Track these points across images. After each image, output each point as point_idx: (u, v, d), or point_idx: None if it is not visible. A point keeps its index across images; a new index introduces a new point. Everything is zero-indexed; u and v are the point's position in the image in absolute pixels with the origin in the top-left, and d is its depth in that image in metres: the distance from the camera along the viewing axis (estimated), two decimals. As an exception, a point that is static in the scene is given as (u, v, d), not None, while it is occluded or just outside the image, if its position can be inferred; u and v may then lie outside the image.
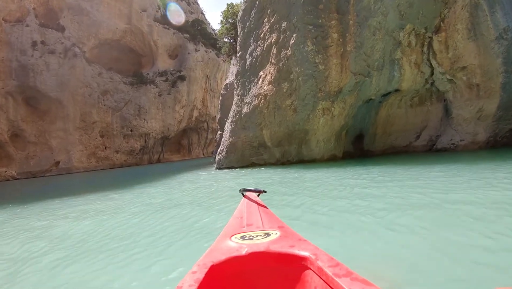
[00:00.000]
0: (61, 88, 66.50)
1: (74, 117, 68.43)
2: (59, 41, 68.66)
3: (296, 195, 9.29)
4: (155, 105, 79.42)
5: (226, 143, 27.63)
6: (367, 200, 7.40)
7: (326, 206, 7.22)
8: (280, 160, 24.11)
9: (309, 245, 2.06)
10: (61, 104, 66.68)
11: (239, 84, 27.65)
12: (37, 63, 65.15)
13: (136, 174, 40.45)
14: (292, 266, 1.95)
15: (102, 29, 73.64)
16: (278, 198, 9.12)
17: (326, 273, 1.69)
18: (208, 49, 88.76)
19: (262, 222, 2.64)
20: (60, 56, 67.93)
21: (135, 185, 20.83)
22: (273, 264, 1.99)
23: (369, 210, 6.33)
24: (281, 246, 2.05)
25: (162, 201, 11.40)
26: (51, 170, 66.56)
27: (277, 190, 10.75)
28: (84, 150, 70.18)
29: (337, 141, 23.06)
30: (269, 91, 23.17)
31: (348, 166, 17.69)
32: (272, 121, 23.28)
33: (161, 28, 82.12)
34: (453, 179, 9.43)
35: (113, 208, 11.09)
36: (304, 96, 21.22)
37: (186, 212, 8.46)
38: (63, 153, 67.45)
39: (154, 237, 6.25)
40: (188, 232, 6.28)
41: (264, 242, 2.12)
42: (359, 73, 20.26)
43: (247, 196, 3.55)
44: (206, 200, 10.50)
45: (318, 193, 9.37)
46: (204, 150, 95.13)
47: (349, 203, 7.26)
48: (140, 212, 9.47)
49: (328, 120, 21.42)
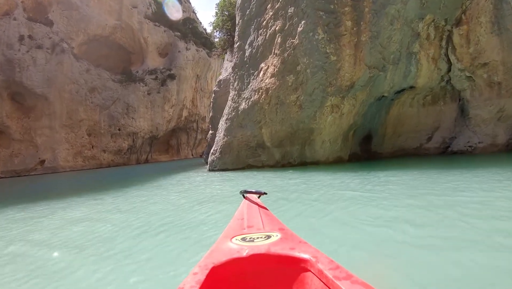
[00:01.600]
0: (47, 84, 64.03)
1: (61, 114, 65.97)
2: (47, 36, 66.25)
3: (307, 217, 6.87)
4: (144, 104, 77.20)
5: (220, 143, 25.14)
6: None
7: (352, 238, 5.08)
8: (280, 162, 21.78)
9: (310, 247, 2.01)
10: (47, 101, 64.26)
11: (236, 78, 25.12)
12: (24, 58, 62.73)
13: (122, 175, 38.04)
14: (293, 268, 1.90)
15: (91, 24, 71.40)
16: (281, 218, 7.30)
17: (326, 276, 1.65)
18: (199, 48, 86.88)
19: (262, 224, 2.53)
20: (47, 52, 65.53)
21: (118, 190, 18.45)
22: (274, 266, 1.94)
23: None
24: (281, 248, 2.00)
25: (140, 224, 7.87)
26: (36, 168, 64.00)
27: (281, 206, 8.14)
28: (70, 149, 67.68)
29: (344, 142, 20.97)
30: (272, 85, 20.74)
31: (357, 170, 15.77)
32: (273, 119, 20.88)
33: (151, 25, 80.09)
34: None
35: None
36: (311, 91, 18.87)
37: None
38: (48, 151, 64.87)
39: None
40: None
41: (265, 244, 2.06)
42: (374, 67, 18.15)
43: (248, 197, 3.43)
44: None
45: (336, 215, 6.74)
46: (193, 150, 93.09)
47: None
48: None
49: (336, 118, 19.28)
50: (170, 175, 26.03)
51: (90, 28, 71.55)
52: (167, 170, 34.16)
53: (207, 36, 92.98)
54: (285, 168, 20.33)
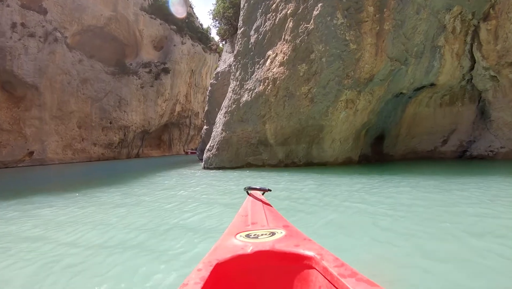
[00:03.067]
0: (38, 74, 61.58)
1: (51, 105, 63.53)
2: (40, 24, 63.54)
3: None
4: (136, 98, 74.86)
5: (218, 139, 23.06)
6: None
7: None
8: (283, 162, 19.87)
9: (314, 244, 1.99)
10: (38, 91, 61.75)
11: (238, 67, 22.89)
12: (15, 46, 59.97)
13: (109, 170, 35.84)
14: (297, 265, 1.88)
15: (86, 14, 68.96)
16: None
17: (331, 273, 1.63)
18: (195, 43, 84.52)
19: (267, 221, 2.54)
20: (40, 40, 62.94)
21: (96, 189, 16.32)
22: (278, 263, 1.92)
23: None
24: (286, 245, 1.98)
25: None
26: (24, 160, 61.42)
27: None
28: (59, 141, 65.23)
29: (355, 142, 19.18)
30: (280, 75, 18.68)
31: (371, 175, 13.94)
32: (280, 113, 18.88)
33: (147, 17, 77.73)
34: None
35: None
36: (326, 83, 16.93)
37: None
38: (37, 142, 62.37)
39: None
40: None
41: (269, 241, 2.04)
42: (396, 59, 16.32)
43: (252, 194, 3.42)
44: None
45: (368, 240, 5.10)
46: (185, 146, 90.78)
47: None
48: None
49: (350, 115, 17.43)
50: (160, 172, 23.72)
51: (84, 18, 69.12)
52: (157, 167, 31.65)
53: (203, 31, 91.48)
54: (289, 168, 18.47)
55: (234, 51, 24.27)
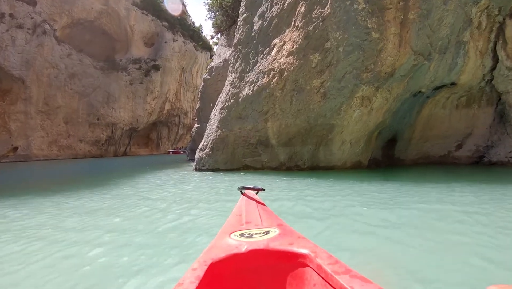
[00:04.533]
0: (25, 67, 59.42)
1: (37, 100, 61.36)
2: (29, 15, 61.35)
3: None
4: (125, 94, 72.78)
5: (212, 137, 21.02)
6: None
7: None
8: (285, 164, 17.99)
9: (308, 242, 1.93)
10: (24, 85, 59.56)
11: (239, 57, 20.78)
12: (3, 37, 57.95)
13: (92, 169, 33.91)
14: (291, 263, 1.83)
15: (76, 7, 66.84)
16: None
17: (325, 271, 1.58)
18: (186, 40, 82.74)
19: (261, 220, 2.44)
20: (28, 32, 60.77)
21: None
22: (273, 262, 1.86)
23: None
24: (280, 243, 1.92)
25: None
26: (8, 156, 59.12)
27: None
28: (45, 136, 62.98)
29: (366, 144, 17.47)
30: (288, 66, 16.62)
31: (388, 181, 12.28)
32: (285, 110, 16.93)
33: (139, 13, 75.71)
34: None
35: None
36: (341, 76, 15.03)
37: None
38: (22, 138, 60.21)
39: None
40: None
41: (263, 240, 1.97)
42: (419, 53, 14.60)
43: (246, 193, 3.26)
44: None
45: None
46: (174, 146, 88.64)
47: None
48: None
49: (364, 114, 15.68)
50: (146, 175, 20.70)
51: (74, 11, 67.05)
52: (144, 167, 28.99)
53: (195, 29, 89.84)
54: (292, 173, 16.64)
55: (234, 40, 22.08)
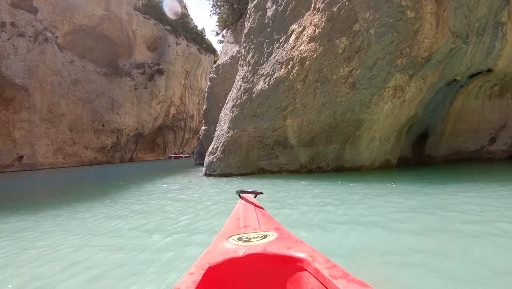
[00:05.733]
0: (28, 75, 58.30)
1: (41, 108, 60.09)
2: (30, 23, 60.36)
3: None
4: (129, 99, 71.46)
5: (223, 139, 18.75)
6: None
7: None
8: (306, 166, 15.82)
9: (306, 246, 1.95)
10: (27, 93, 58.42)
11: (251, 48, 18.49)
12: (4, 46, 56.86)
13: (95, 176, 32.26)
14: (289, 267, 1.84)
15: (77, 14, 65.71)
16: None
17: (322, 275, 1.60)
18: (189, 43, 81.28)
19: (259, 224, 2.45)
20: (30, 40, 59.69)
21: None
22: (270, 266, 1.88)
23: None
24: (278, 247, 1.94)
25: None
26: (13, 165, 57.97)
27: None
28: (50, 145, 61.73)
29: (396, 141, 15.43)
30: (310, 53, 14.25)
31: (430, 182, 10.16)
32: (308, 104, 14.64)
33: (141, 17, 74.56)
34: None
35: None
36: (373, 63, 12.84)
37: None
38: (27, 146, 58.93)
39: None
40: None
41: (261, 244, 1.99)
42: (457, 35, 12.54)
43: (244, 197, 3.23)
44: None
45: None
46: (180, 150, 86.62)
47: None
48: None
49: (396, 107, 13.62)
50: (153, 182, 18.59)
51: (76, 18, 65.95)
52: (151, 174, 26.70)
53: (198, 32, 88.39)
54: (314, 175, 14.58)
55: (245, 30, 19.72)
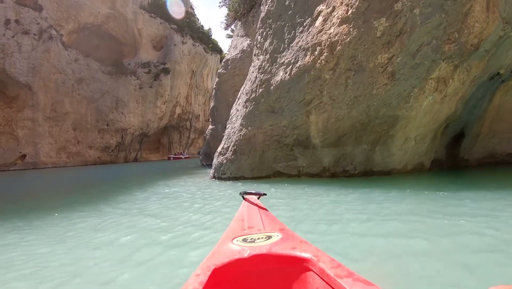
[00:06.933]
0: (32, 73, 57.04)
1: (44, 106, 58.80)
2: (35, 21, 59.14)
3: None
4: (134, 99, 69.77)
5: (235, 138, 16.58)
6: None
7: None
8: (329, 170, 13.90)
9: (311, 246, 1.90)
10: (31, 91, 57.16)
11: (268, 34, 16.20)
12: (9, 43, 55.82)
13: (95, 177, 30.57)
14: (294, 267, 1.81)
15: (83, 12, 64.30)
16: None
17: (327, 274, 1.56)
18: (195, 43, 79.44)
19: (263, 225, 2.38)
20: (34, 38, 58.50)
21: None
22: (275, 266, 1.84)
23: None
24: (282, 248, 1.89)
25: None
26: (16, 163, 56.80)
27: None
28: (53, 143, 60.35)
29: (432, 142, 13.42)
30: (343, 37, 12.12)
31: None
32: (338, 97, 12.62)
33: (147, 16, 73.10)
34: None
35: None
36: (416, 49, 10.89)
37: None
38: (30, 145, 57.68)
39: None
40: None
41: (266, 244, 1.94)
42: (507, 21, 10.53)
43: (248, 198, 3.10)
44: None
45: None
46: (186, 150, 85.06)
47: None
48: None
49: (436, 102, 11.65)
50: (154, 189, 16.01)
51: (81, 16, 64.58)
52: (153, 176, 24.64)
53: (205, 32, 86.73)
54: (338, 180, 12.55)
55: (262, 14, 17.23)
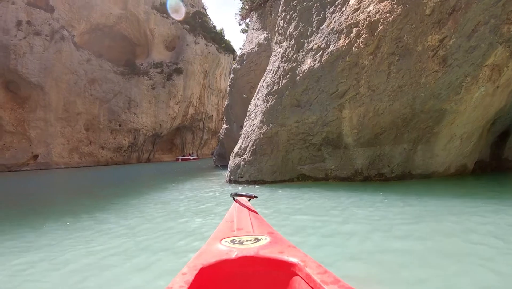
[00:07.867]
0: (44, 74, 56.31)
1: (56, 106, 58.05)
2: (46, 22, 58.52)
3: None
4: (147, 99, 68.63)
5: (254, 137, 14.65)
6: None
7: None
8: (362, 173, 12.12)
9: (298, 251, 1.94)
10: (43, 91, 56.44)
11: (293, 17, 14.08)
12: (20, 44, 55.15)
13: (107, 179, 29.40)
14: (281, 271, 1.84)
15: (94, 12, 63.48)
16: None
17: (314, 280, 1.58)
18: (208, 43, 78.00)
19: (252, 227, 2.46)
20: (46, 39, 57.79)
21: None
22: (262, 269, 1.88)
23: None
24: (270, 251, 1.93)
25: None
26: (28, 163, 55.96)
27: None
28: (66, 144, 59.55)
29: (478, 140, 11.58)
30: (385, 15, 10.18)
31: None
32: (378, 87, 10.77)
33: (159, 16, 71.98)
34: None
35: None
36: (472, 29, 9.07)
37: None
38: (42, 145, 56.88)
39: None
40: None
41: (253, 247, 1.98)
42: None
43: (238, 200, 3.21)
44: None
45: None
46: (199, 151, 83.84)
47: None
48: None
49: (488, 95, 9.87)
50: (167, 189, 15.16)
51: (93, 16, 63.79)
52: (168, 176, 23.48)
53: (217, 32, 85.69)
54: (372, 184, 10.84)
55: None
